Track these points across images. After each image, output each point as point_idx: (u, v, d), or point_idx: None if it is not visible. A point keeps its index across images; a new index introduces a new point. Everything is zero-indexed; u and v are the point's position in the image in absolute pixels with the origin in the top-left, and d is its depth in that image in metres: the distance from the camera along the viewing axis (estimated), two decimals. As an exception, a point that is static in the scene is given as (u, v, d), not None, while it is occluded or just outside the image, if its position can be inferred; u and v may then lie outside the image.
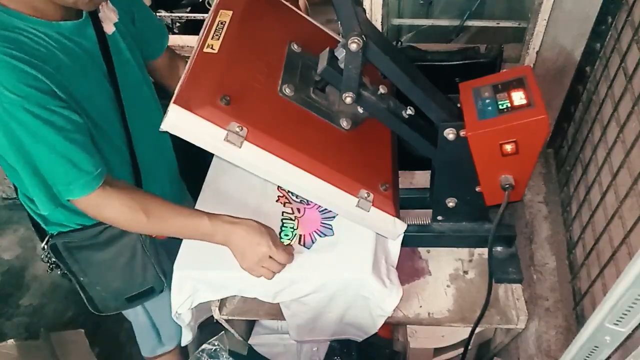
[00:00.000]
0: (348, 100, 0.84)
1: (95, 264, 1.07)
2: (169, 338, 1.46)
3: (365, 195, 0.87)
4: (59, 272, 1.11)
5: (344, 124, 0.90)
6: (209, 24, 0.87)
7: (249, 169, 0.80)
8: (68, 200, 0.86)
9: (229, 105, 0.75)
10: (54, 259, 1.06)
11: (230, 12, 0.89)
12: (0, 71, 0.74)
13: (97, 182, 0.85)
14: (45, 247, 1.04)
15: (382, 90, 0.92)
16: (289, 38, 0.94)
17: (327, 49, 0.85)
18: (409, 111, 0.91)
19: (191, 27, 2.06)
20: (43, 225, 1.04)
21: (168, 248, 1.14)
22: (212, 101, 0.74)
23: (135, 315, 1.38)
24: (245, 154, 0.77)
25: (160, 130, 0.75)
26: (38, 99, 0.76)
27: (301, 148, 0.81)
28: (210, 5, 1.92)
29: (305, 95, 0.87)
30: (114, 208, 0.88)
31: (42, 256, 1.09)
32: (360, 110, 0.92)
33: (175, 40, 1.82)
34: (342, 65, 0.81)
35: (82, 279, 1.08)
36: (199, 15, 1.85)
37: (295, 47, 0.93)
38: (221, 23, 0.86)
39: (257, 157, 0.78)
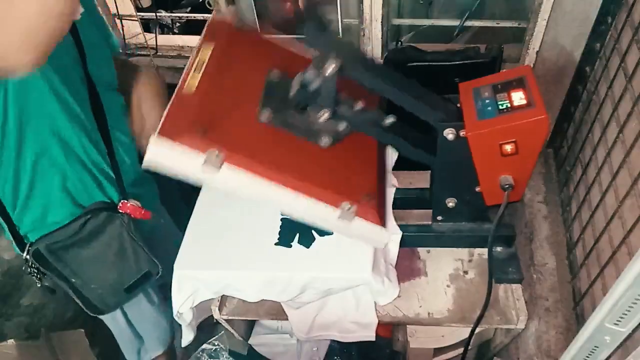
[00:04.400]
0: (323, 118, 0.87)
1: (85, 262, 1.05)
2: (153, 345, 1.45)
3: (348, 207, 0.87)
4: (44, 285, 1.08)
5: (324, 141, 0.91)
6: (192, 57, 0.90)
7: (231, 191, 0.83)
8: None
9: (206, 134, 0.78)
10: (39, 269, 1.04)
11: (211, 46, 0.93)
12: None
13: None
14: (28, 257, 1.01)
15: (359, 104, 0.92)
16: (269, 66, 0.95)
17: (299, 73, 0.86)
18: (390, 119, 0.92)
19: (191, 27, 2.06)
20: (21, 233, 1.02)
21: (153, 234, 1.14)
22: (189, 131, 0.77)
23: (116, 324, 1.37)
24: (225, 177, 0.79)
25: (143, 167, 0.76)
26: None
27: (279, 166, 0.83)
28: (210, 6, 1.92)
29: (284, 117, 0.90)
30: None
31: (26, 268, 1.05)
32: (342, 126, 0.92)
33: (175, 40, 1.82)
34: (315, 86, 0.82)
35: (74, 281, 1.06)
36: (199, 15, 1.85)
37: (274, 74, 0.94)
38: (203, 56, 0.91)
39: (236, 178, 0.80)
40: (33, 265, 1.03)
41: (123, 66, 1.15)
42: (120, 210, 1.04)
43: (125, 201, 1.05)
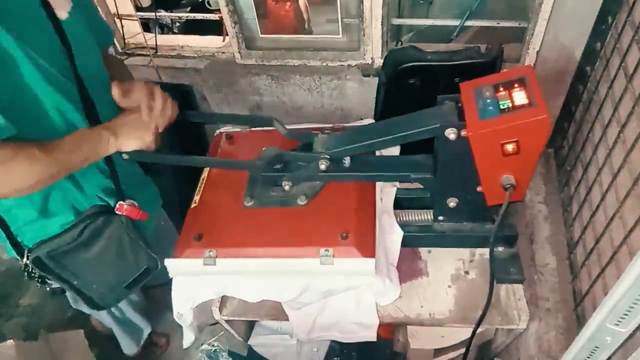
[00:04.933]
0: (287, 187, 1.03)
1: (86, 264, 1.05)
2: (144, 326, 1.60)
3: (325, 252, 0.94)
4: (47, 289, 1.09)
5: (301, 202, 1.02)
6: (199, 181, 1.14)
7: (230, 275, 1.01)
8: None
9: (200, 240, 1.00)
10: (39, 274, 1.03)
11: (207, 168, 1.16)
12: None
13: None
14: (28, 263, 1.00)
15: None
16: (255, 156, 1.06)
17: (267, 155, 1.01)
18: (347, 161, 1.00)
19: (191, 27, 2.06)
20: (18, 240, 1.01)
21: (154, 236, 1.18)
22: (188, 243, 1.00)
23: (111, 319, 1.45)
24: (221, 267, 0.98)
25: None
26: None
27: (262, 242, 0.98)
28: (210, 5, 1.92)
29: (265, 197, 1.05)
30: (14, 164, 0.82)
31: (27, 274, 1.04)
32: (314, 183, 1.04)
33: (175, 40, 1.82)
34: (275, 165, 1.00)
35: (75, 282, 1.06)
36: (199, 15, 1.85)
37: (257, 162, 1.03)
38: (202, 179, 1.13)
39: (230, 264, 0.98)
40: (33, 271, 1.03)
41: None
42: (117, 212, 1.04)
43: (122, 202, 1.04)
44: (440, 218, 1.06)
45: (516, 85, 0.85)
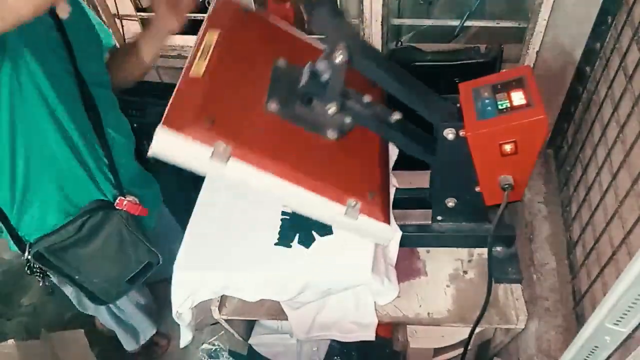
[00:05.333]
0: (332, 110, 0.85)
1: (86, 259, 1.06)
2: (146, 328, 1.58)
3: (353, 204, 0.86)
4: (46, 284, 1.10)
5: (331, 134, 0.89)
6: (197, 44, 0.86)
7: (237, 184, 0.81)
8: None
9: (213, 125, 0.75)
10: (40, 268, 1.04)
11: (217, 32, 0.88)
12: None
13: None
14: (29, 258, 1.02)
15: (367, 98, 0.90)
16: (276, 54, 0.92)
17: (309, 62, 0.85)
18: (396, 116, 0.90)
19: (191, 27, 2.06)
20: (20, 234, 1.02)
21: (156, 233, 1.18)
22: (197, 122, 0.74)
23: (110, 318, 1.45)
24: (232, 170, 0.78)
25: (148, 156, 0.73)
26: None
27: (287, 161, 0.81)
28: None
29: (291, 109, 0.87)
30: None
31: (28, 269, 1.06)
32: (348, 119, 0.91)
33: (175, 40, 1.82)
34: (325, 77, 0.81)
35: (76, 277, 1.07)
36: (199, 15, 1.85)
37: (281, 62, 0.90)
38: (208, 43, 0.86)
39: (243, 172, 0.78)
40: (35, 266, 1.04)
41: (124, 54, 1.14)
42: (117, 207, 1.04)
43: (122, 198, 1.05)
44: (439, 218, 1.06)
45: (514, 85, 0.85)
